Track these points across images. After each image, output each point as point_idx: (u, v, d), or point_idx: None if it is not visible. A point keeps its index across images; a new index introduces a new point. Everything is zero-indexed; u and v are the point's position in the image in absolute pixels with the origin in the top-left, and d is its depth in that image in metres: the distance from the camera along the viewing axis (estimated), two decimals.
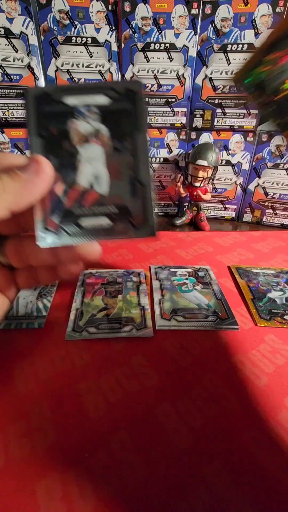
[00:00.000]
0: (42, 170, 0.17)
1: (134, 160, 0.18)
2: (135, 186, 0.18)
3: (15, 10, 0.55)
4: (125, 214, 0.18)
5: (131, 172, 0.18)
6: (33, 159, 0.17)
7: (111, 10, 0.58)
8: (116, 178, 0.18)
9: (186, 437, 0.25)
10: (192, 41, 0.60)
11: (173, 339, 0.35)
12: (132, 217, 0.18)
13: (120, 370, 0.31)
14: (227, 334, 0.35)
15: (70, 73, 0.61)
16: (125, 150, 0.18)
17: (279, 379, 0.30)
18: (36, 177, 0.17)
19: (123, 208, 0.18)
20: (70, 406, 0.27)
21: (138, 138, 0.18)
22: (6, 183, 0.16)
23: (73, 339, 0.34)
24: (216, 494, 0.21)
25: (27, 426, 0.25)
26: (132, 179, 0.18)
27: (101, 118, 0.18)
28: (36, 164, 0.17)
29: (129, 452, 0.24)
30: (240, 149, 0.69)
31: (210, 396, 0.28)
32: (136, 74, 0.63)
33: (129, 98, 0.18)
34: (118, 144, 0.18)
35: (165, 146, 0.70)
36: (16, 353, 0.33)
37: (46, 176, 0.17)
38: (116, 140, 0.18)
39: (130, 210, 0.18)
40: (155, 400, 0.28)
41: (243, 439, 0.25)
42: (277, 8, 0.55)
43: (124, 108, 0.18)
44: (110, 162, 0.18)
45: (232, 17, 0.57)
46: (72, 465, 0.23)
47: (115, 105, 0.18)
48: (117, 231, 0.18)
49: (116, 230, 0.18)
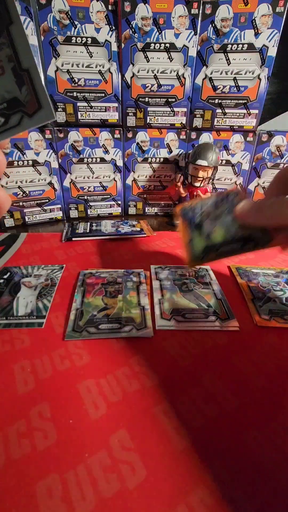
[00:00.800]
0: None
1: (14, 51, 0.18)
2: (20, 75, 0.18)
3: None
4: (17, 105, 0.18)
5: (12, 63, 0.18)
6: None
7: (111, 10, 0.58)
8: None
9: (186, 437, 0.25)
10: (192, 41, 0.60)
11: (173, 339, 0.35)
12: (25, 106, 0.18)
13: (120, 370, 0.31)
14: (227, 334, 0.35)
15: (70, 73, 0.61)
16: (2, 45, 0.18)
17: (279, 379, 0.30)
18: None
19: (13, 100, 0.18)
20: (70, 406, 0.27)
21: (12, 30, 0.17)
22: None
23: (72, 339, 0.34)
24: (216, 494, 0.21)
25: (27, 426, 0.25)
26: (16, 70, 0.18)
27: None
28: None
29: (129, 452, 0.24)
30: (240, 149, 0.69)
31: (210, 396, 0.28)
32: (136, 74, 0.63)
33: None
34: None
35: (165, 146, 0.70)
36: (16, 353, 0.33)
37: None
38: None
39: (21, 100, 0.18)
40: (155, 400, 0.28)
41: (243, 439, 0.25)
42: (277, 8, 0.55)
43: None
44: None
45: (232, 17, 0.57)
46: (72, 465, 0.23)
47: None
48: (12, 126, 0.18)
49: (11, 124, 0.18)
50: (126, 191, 0.75)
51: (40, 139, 0.65)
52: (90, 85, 0.63)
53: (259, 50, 0.59)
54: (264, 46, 0.59)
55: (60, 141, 0.66)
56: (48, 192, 0.70)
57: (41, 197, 0.69)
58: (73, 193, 0.72)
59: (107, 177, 0.72)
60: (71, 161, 0.69)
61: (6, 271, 0.47)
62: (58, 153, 0.67)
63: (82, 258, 0.53)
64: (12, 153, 0.64)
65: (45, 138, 0.65)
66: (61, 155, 0.68)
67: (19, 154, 0.65)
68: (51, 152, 0.66)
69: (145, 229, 0.65)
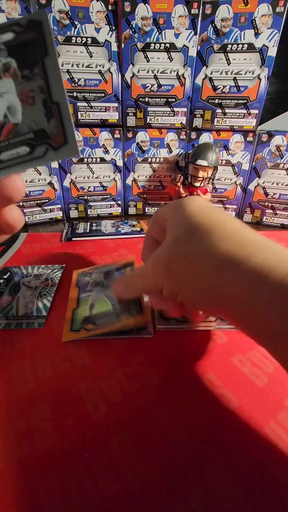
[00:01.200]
0: None
1: (46, 83, 0.18)
2: (50, 107, 0.18)
3: (15, 10, 0.55)
4: (43, 137, 0.18)
5: (43, 95, 0.18)
6: None
7: (111, 10, 0.58)
8: (29, 105, 0.18)
9: (186, 437, 0.25)
10: (192, 41, 0.60)
11: (173, 339, 0.35)
12: (51, 139, 0.18)
13: (120, 370, 0.31)
14: (227, 334, 0.35)
15: (70, 73, 0.61)
16: (36, 76, 0.18)
17: (279, 379, 0.30)
18: None
19: (40, 131, 0.18)
20: (70, 406, 0.27)
21: (47, 61, 0.18)
22: None
23: (70, 339, 0.34)
24: (216, 494, 0.21)
25: (27, 426, 0.25)
26: (46, 102, 0.18)
27: (9, 52, 0.18)
28: None
29: (129, 452, 0.24)
30: (240, 149, 0.69)
31: (210, 396, 0.28)
32: (136, 74, 0.63)
33: (33, 28, 0.18)
34: (28, 72, 0.18)
35: (165, 146, 0.70)
36: (16, 353, 0.33)
37: None
38: (25, 69, 0.18)
39: (48, 132, 0.18)
40: (155, 400, 0.28)
41: (243, 439, 0.25)
42: (277, 8, 0.55)
43: (30, 37, 0.18)
44: (21, 91, 0.18)
45: (232, 17, 0.57)
46: (72, 465, 0.23)
47: (21, 37, 0.18)
48: (37, 156, 0.18)
49: (36, 155, 0.18)
50: (126, 191, 0.75)
51: None
52: (90, 85, 0.63)
53: (259, 50, 0.59)
54: (264, 46, 0.59)
55: None
56: (48, 192, 0.70)
57: (41, 197, 0.70)
58: (73, 193, 0.72)
59: (107, 177, 0.72)
60: (71, 161, 0.69)
61: (6, 271, 0.47)
62: None
63: (82, 258, 0.53)
64: None
65: None
66: None
67: None
68: None
69: (145, 229, 0.65)
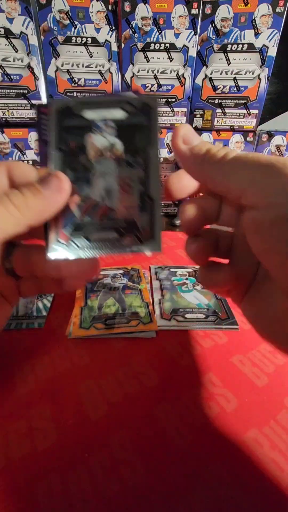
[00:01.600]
0: (62, 187, 0.17)
1: (145, 175, 0.18)
2: (144, 201, 0.18)
3: (15, 10, 0.55)
4: (133, 228, 0.18)
5: (141, 186, 0.18)
6: (53, 175, 0.17)
7: (111, 10, 0.58)
8: (126, 192, 0.18)
9: (186, 437, 0.25)
10: (192, 41, 0.60)
11: (173, 339, 0.35)
12: (139, 232, 0.18)
13: (120, 370, 0.31)
14: (227, 334, 0.35)
15: (70, 73, 0.61)
16: (137, 164, 0.18)
17: (279, 379, 0.30)
18: (56, 194, 0.17)
19: (131, 222, 0.18)
20: (70, 406, 0.27)
21: (150, 153, 0.18)
22: (29, 200, 0.16)
23: (79, 335, 0.34)
24: (216, 494, 0.21)
25: (27, 426, 0.25)
26: (142, 194, 0.18)
27: (117, 132, 0.18)
28: (57, 181, 0.17)
29: (129, 452, 0.24)
30: (240, 149, 0.69)
31: (210, 396, 0.28)
32: (136, 74, 0.63)
33: (144, 113, 0.18)
34: (131, 158, 0.18)
35: (165, 146, 0.70)
36: (16, 353, 0.33)
37: (65, 193, 0.17)
38: (129, 154, 0.18)
39: (138, 225, 0.18)
40: (155, 400, 0.28)
41: (243, 439, 0.25)
42: (277, 8, 0.55)
43: (139, 122, 0.18)
44: (121, 176, 0.18)
45: (232, 17, 0.57)
46: (72, 465, 0.23)
47: (130, 119, 0.18)
48: (123, 245, 0.18)
49: (123, 244, 0.18)
50: None
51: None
52: (90, 85, 0.63)
53: (259, 50, 0.59)
54: (264, 46, 0.59)
55: None
56: None
57: None
58: None
59: None
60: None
61: None
62: None
63: None
64: (12, 153, 0.64)
65: None
66: None
67: (19, 154, 0.65)
68: None
69: None
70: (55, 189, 0.17)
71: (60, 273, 0.20)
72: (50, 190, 0.17)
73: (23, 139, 0.64)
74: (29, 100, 0.62)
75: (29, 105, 0.63)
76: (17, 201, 0.16)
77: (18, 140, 0.64)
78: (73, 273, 0.20)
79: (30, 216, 0.17)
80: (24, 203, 0.16)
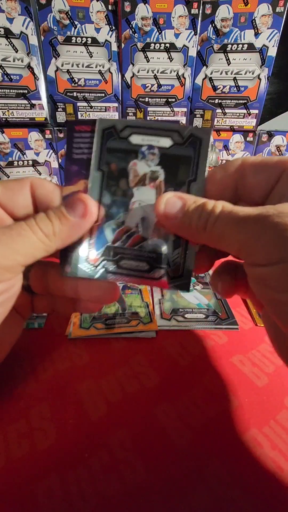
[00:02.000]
0: (89, 213, 0.17)
1: None
2: (180, 237, 0.18)
3: (15, 10, 0.55)
4: (164, 262, 0.18)
5: None
6: (81, 200, 0.17)
7: (111, 10, 0.58)
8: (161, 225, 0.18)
9: (186, 437, 0.25)
10: (192, 41, 0.60)
11: (173, 339, 0.35)
12: (170, 268, 0.18)
13: (120, 370, 0.31)
14: (227, 334, 0.35)
15: (70, 73, 0.61)
16: None
17: (279, 379, 0.30)
18: (83, 221, 0.17)
19: (163, 256, 0.18)
20: (70, 406, 0.27)
21: (193, 188, 0.17)
22: (56, 228, 0.16)
23: (79, 336, 0.34)
24: (216, 494, 0.21)
25: (27, 426, 0.25)
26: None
27: (161, 161, 0.17)
28: (84, 207, 0.17)
29: (129, 452, 0.24)
30: (240, 149, 0.69)
31: (210, 396, 0.28)
32: (136, 74, 0.63)
33: (192, 145, 0.17)
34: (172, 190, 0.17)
35: None
36: (16, 353, 0.33)
37: (92, 219, 0.17)
38: (171, 187, 0.17)
39: (169, 260, 0.18)
40: (155, 400, 0.28)
41: (243, 439, 0.25)
42: (277, 8, 0.55)
43: (185, 154, 0.17)
44: None
45: (232, 17, 0.57)
46: (72, 465, 0.23)
47: (177, 150, 0.17)
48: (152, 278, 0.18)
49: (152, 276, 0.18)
50: None
51: (40, 139, 0.65)
52: (90, 85, 0.63)
53: (259, 50, 0.59)
54: (264, 46, 0.59)
55: (60, 141, 0.66)
56: None
57: None
58: None
59: None
60: None
61: None
62: (58, 153, 0.67)
63: None
64: (12, 153, 0.64)
65: (45, 138, 0.65)
66: (61, 155, 0.68)
67: (19, 154, 0.65)
68: (51, 152, 0.67)
69: None
70: (81, 214, 0.17)
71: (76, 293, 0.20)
72: (77, 215, 0.17)
73: (23, 139, 0.64)
74: (29, 100, 0.62)
75: (29, 105, 0.63)
76: (46, 229, 0.16)
77: (18, 140, 0.64)
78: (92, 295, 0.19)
79: (58, 243, 0.17)
80: (52, 231, 0.16)
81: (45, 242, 0.16)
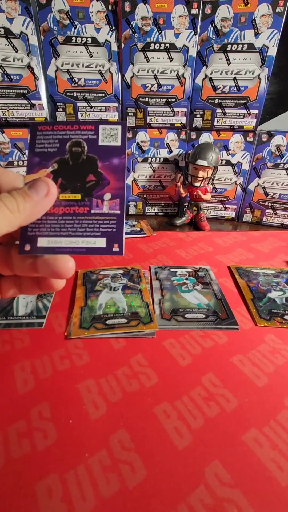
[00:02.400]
0: (50, 193, 0.19)
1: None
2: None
3: (15, 10, 0.55)
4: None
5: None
6: (43, 181, 0.19)
7: (111, 10, 0.58)
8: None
9: (186, 437, 0.25)
10: (192, 41, 0.60)
11: (173, 339, 0.35)
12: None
13: (120, 370, 0.31)
14: (227, 334, 0.35)
15: (70, 73, 0.61)
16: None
17: (279, 379, 0.30)
18: (45, 199, 0.19)
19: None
20: (70, 406, 0.27)
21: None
22: (20, 204, 0.18)
23: (79, 336, 0.34)
24: (216, 494, 0.21)
25: (27, 426, 0.25)
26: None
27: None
28: (46, 187, 0.18)
29: (129, 452, 0.24)
30: (240, 149, 0.69)
31: (210, 396, 0.28)
32: (136, 74, 0.63)
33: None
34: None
35: (165, 146, 0.70)
36: (16, 353, 0.33)
37: (53, 198, 0.19)
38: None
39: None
40: (155, 400, 0.28)
41: (243, 439, 0.25)
42: (277, 8, 0.55)
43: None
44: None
45: (232, 17, 0.57)
46: (72, 465, 0.23)
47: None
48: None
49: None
50: (126, 191, 0.75)
51: None
52: (90, 85, 0.63)
53: (259, 50, 0.59)
54: (264, 46, 0.59)
55: None
56: None
57: None
58: None
59: None
60: None
61: None
62: None
63: (82, 258, 0.53)
64: (12, 153, 0.64)
65: None
66: None
67: (19, 154, 0.65)
68: None
69: (145, 229, 0.65)
70: (44, 194, 0.18)
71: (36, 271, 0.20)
72: (40, 196, 0.18)
73: (23, 139, 0.64)
74: (29, 100, 0.62)
75: (29, 105, 0.63)
76: (10, 205, 0.18)
77: (18, 140, 0.64)
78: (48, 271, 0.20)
79: (21, 219, 0.18)
80: (16, 207, 0.18)
81: (8, 217, 0.18)
